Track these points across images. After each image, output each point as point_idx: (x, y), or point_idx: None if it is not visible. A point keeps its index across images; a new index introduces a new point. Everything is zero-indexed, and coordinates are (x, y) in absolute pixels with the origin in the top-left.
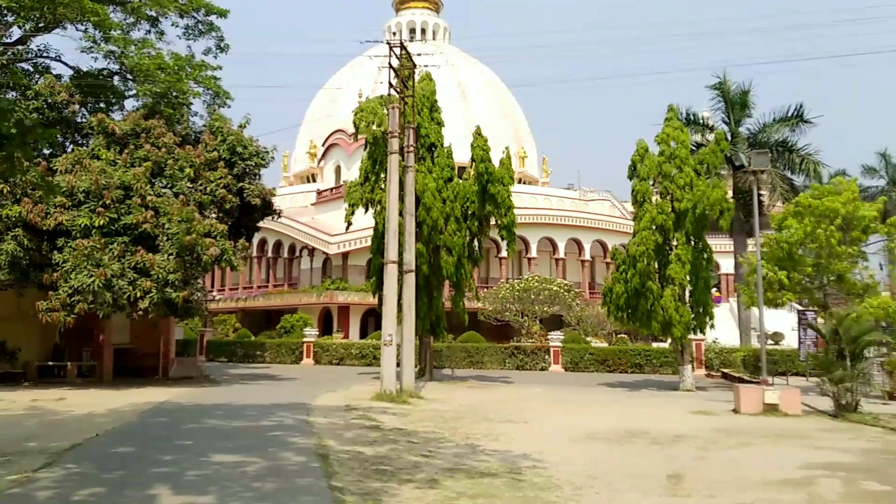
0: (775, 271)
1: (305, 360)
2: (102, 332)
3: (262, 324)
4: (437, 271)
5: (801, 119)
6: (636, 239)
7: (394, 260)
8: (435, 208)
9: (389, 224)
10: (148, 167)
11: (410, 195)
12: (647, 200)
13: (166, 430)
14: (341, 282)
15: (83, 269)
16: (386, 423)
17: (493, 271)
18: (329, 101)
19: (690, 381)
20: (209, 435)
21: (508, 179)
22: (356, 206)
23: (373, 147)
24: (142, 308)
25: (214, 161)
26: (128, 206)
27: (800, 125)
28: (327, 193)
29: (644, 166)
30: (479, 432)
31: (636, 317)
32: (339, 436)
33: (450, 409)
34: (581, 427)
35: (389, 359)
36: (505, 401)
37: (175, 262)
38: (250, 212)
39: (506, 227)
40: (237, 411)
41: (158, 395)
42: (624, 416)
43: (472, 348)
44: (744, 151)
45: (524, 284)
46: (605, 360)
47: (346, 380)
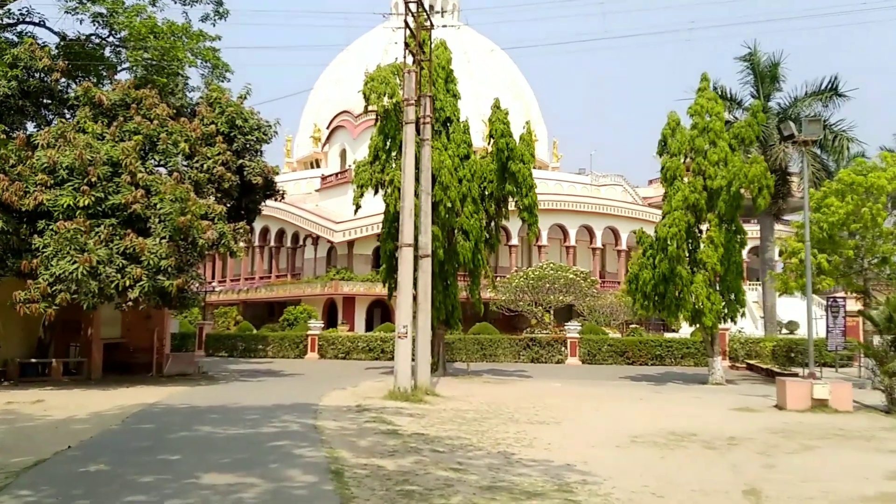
0: (815, 254)
1: (310, 355)
2: (91, 325)
3: (265, 316)
4: (452, 257)
5: (835, 92)
6: (666, 220)
7: (409, 243)
8: (452, 188)
9: (405, 203)
10: (138, 141)
11: (427, 172)
12: (678, 178)
13: (151, 441)
14: (346, 271)
15: (66, 255)
16: (404, 426)
17: (501, 260)
18: (334, 84)
19: (720, 373)
20: (201, 447)
21: (529, 157)
22: (365, 188)
23: (384, 121)
24: (132, 298)
25: (212, 135)
26: (116, 184)
27: (833, 99)
28: (332, 179)
29: (675, 141)
30: (510, 436)
31: (663, 305)
32: (353, 444)
33: (470, 409)
34: (619, 428)
35: (404, 353)
36: (527, 397)
37: (168, 246)
38: (251, 192)
39: (527, 209)
40: (235, 415)
41: (149, 395)
42: (661, 415)
43: (485, 340)
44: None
45: (539, 272)
46: (625, 351)
47: (354, 375)
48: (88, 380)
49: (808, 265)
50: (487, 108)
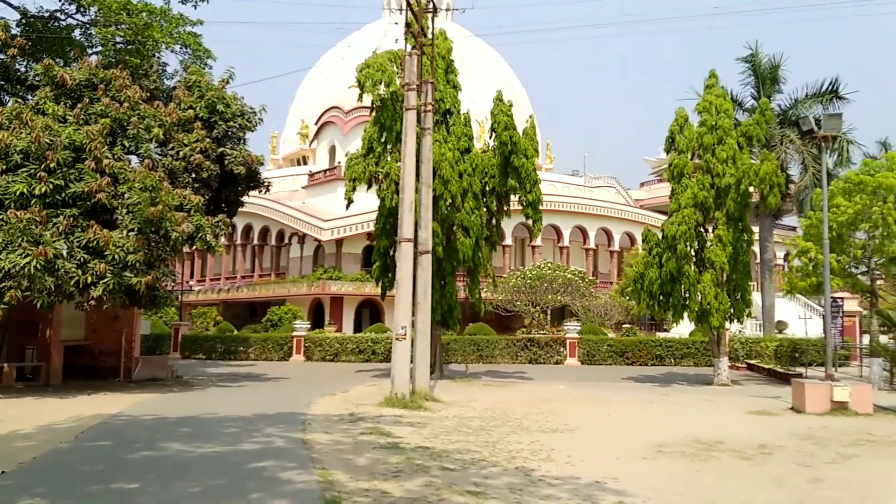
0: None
1: (295, 357)
2: (49, 326)
3: (247, 317)
4: (451, 254)
5: (835, 95)
6: (674, 218)
7: (409, 238)
8: (453, 182)
9: (404, 195)
10: (105, 125)
11: (428, 163)
12: (686, 175)
13: (105, 463)
14: (334, 271)
15: (16, 248)
16: (405, 438)
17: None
18: (323, 80)
19: (726, 374)
20: (166, 471)
21: (532, 152)
22: (358, 182)
23: (380, 111)
24: (94, 296)
25: (190, 121)
26: (78, 171)
27: (833, 101)
28: (320, 176)
29: (683, 138)
30: (524, 448)
31: (669, 304)
32: (350, 463)
33: (475, 416)
34: (639, 437)
35: (402, 356)
36: (532, 402)
37: (136, 240)
38: (233, 183)
39: (531, 205)
40: (210, 428)
41: (113, 404)
42: (678, 420)
43: (481, 341)
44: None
45: (536, 272)
46: (624, 351)
47: (344, 379)
48: (46, 386)
49: (826, 263)
50: (481, 108)
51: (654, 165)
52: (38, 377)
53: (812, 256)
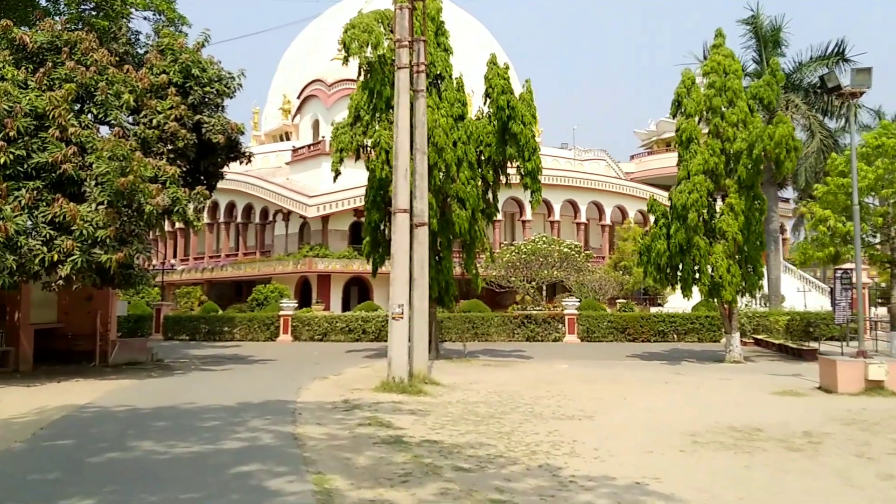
0: (843, 222)
1: (282, 337)
2: (18, 308)
3: (232, 296)
4: (447, 227)
5: (842, 57)
6: (683, 186)
7: (404, 208)
8: (447, 150)
9: (398, 162)
10: (70, 90)
11: (422, 128)
12: (694, 140)
13: (61, 470)
14: (321, 248)
15: None
16: (408, 430)
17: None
18: (305, 53)
19: (738, 351)
20: (131, 478)
21: (530, 118)
22: (345, 153)
23: (367, 75)
24: (62, 276)
25: (163, 87)
26: (42, 140)
27: (840, 64)
28: (304, 151)
29: (691, 100)
30: (542, 440)
31: (678, 278)
32: (349, 465)
33: (480, 401)
34: (666, 423)
35: (399, 336)
36: (538, 384)
37: (106, 213)
38: (211, 153)
39: (530, 174)
40: (188, 421)
41: (83, 392)
42: (700, 403)
43: (476, 319)
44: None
45: (531, 247)
46: (626, 328)
47: (335, 360)
48: (15, 372)
49: (857, 230)
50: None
51: (644, 138)
52: (6, 363)
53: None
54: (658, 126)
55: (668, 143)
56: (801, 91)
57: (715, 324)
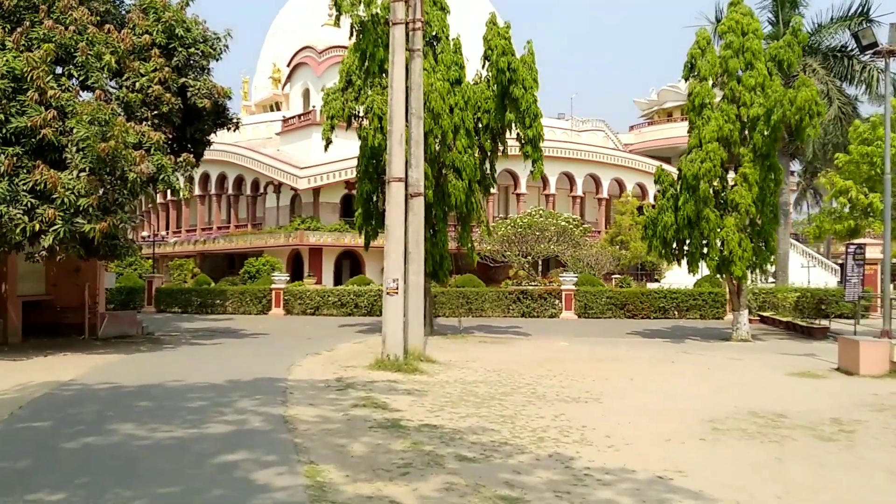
0: (865, 193)
1: (274, 310)
2: (5, 279)
3: (224, 269)
4: (442, 199)
5: (865, 17)
6: (694, 155)
7: (399, 177)
8: (444, 116)
9: (393, 127)
10: (49, 51)
11: (418, 91)
12: (707, 106)
13: (32, 457)
14: (313, 220)
15: None
16: (405, 412)
17: None
18: (295, 20)
19: (746, 329)
20: (106, 470)
21: (531, 82)
22: (337, 120)
23: (360, 36)
24: (45, 246)
25: (146, 48)
26: (20, 103)
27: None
28: (294, 121)
29: (705, 62)
30: (549, 425)
31: (684, 252)
32: (344, 453)
33: (479, 380)
34: (679, 407)
35: (394, 312)
36: (538, 362)
37: (88, 181)
38: (198, 118)
39: (531, 142)
40: (174, 400)
41: (69, 368)
42: (713, 384)
43: (470, 294)
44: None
45: (528, 220)
46: (625, 304)
47: (328, 335)
48: (3, 346)
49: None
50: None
51: (645, 108)
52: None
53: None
54: (660, 95)
55: (669, 113)
56: (818, 55)
57: (718, 300)
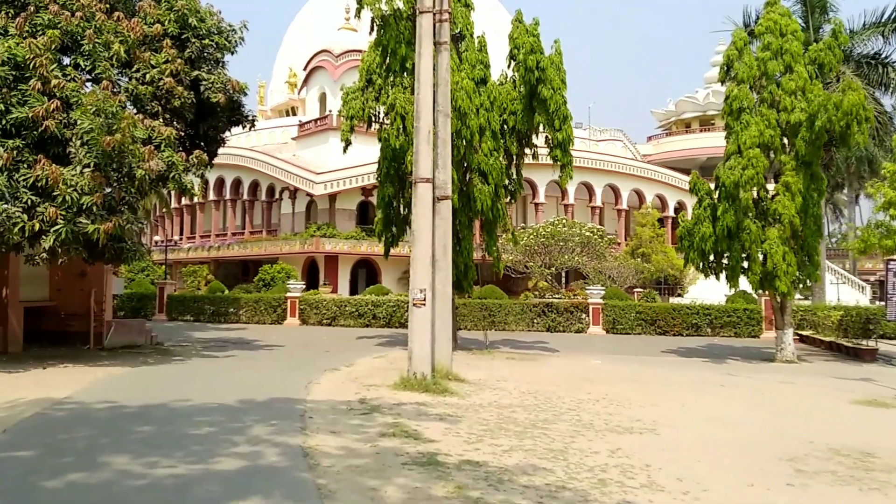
0: None
1: (289, 320)
2: (5, 284)
3: (238, 275)
4: (467, 204)
5: None
6: (734, 162)
7: (426, 177)
8: (471, 115)
9: (420, 124)
10: (53, 37)
11: (445, 86)
12: (746, 110)
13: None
14: (329, 227)
15: None
16: (440, 444)
17: None
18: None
19: (791, 349)
20: None
21: (559, 83)
22: (357, 120)
23: (381, 31)
24: (45, 248)
25: (157, 38)
26: (21, 92)
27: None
28: (310, 126)
29: (743, 64)
30: (608, 463)
31: (722, 266)
32: (376, 499)
33: (515, 403)
34: (749, 440)
35: (421, 326)
36: (574, 383)
37: (92, 177)
38: (211, 114)
39: (560, 145)
40: (178, 427)
41: (67, 382)
42: (772, 413)
43: (493, 306)
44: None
45: (550, 230)
46: (655, 320)
47: (346, 348)
48: (3, 354)
49: None
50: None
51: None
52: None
53: None
54: (677, 106)
55: (687, 123)
56: (851, 62)
57: (754, 317)
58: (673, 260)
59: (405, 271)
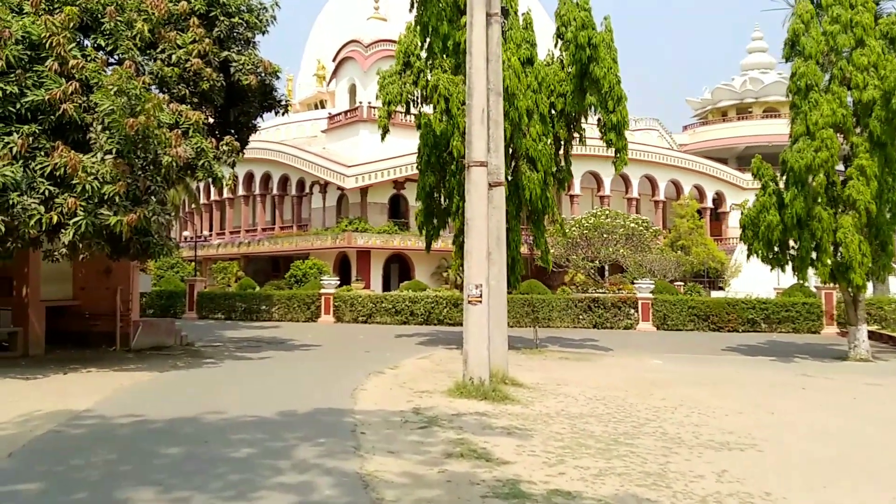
0: None
1: (324, 317)
2: (26, 282)
3: (269, 272)
4: (515, 193)
5: None
6: (803, 144)
7: (481, 160)
8: (519, 96)
9: (473, 100)
10: (72, 14)
11: (497, 62)
12: (814, 88)
13: None
14: (360, 222)
15: None
16: (516, 465)
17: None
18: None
19: (866, 346)
20: None
21: (611, 62)
22: (394, 105)
23: (422, 9)
24: (65, 242)
25: (184, 16)
26: (37, 74)
27: None
28: (340, 118)
29: (810, 39)
30: (719, 491)
31: (788, 257)
32: None
33: (584, 412)
34: (872, 458)
35: (478, 326)
36: (641, 386)
37: (115, 165)
38: (242, 98)
39: (615, 128)
40: (210, 447)
41: (88, 390)
42: (882, 423)
43: (536, 301)
44: None
45: (594, 221)
46: (709, 315)
47: (386, 347)
48: (24, 357)
49: None
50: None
51: (698, 107)
52: (14, 346)
53: None
54: (714, 94)
55: (724, 112)
56: None
57: (814, 312)
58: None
59: (438, 266)
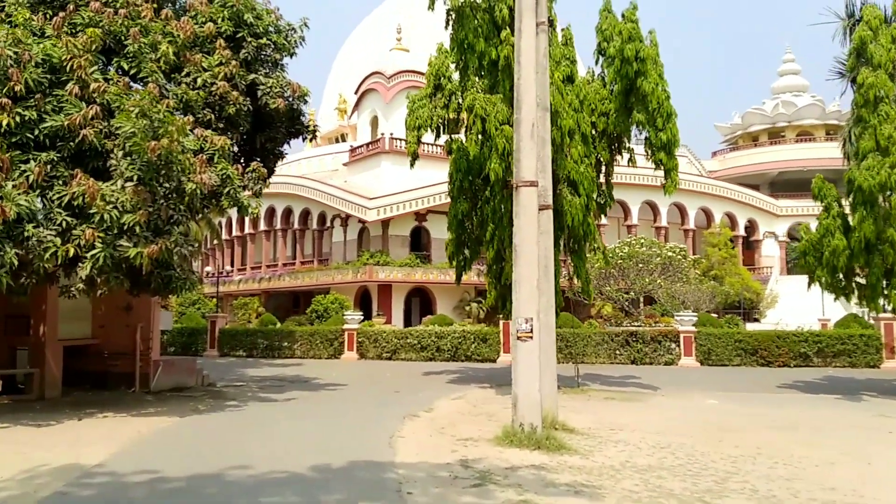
0: None
1: (347, 354)
2: (43, 320)
3: (289, 307)
4: (556, 219)
5: None
6: (871, 161)
7: (530, 180)
8: (563, 114)
9: (522, 114)
10: (94, 36)
11: (544, 74)
12: (884, 100)
13: None
14: (381, 255)
15: None
16: None
17: None
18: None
19: None
20: None
21: (658, 77)
22: (424, 130)
23: (456, 25)
24: (82, 277)
25: (209, 38)
26: (57, 98)
27: None
28: (362, 150)
29: (879, 47)
30: None
31: (856, 285)
32: None
33: (652, 464)
34: None
35: (528, 365)
36: (710, 433)
37: (135, 192)
38: (269, 124)
39: (664, 147)
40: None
41: (102, 440)
42: None
43: (569, 335)
44: None
45: (628, 251)
46: (757, 349)
47: (416, 386)
48: (39, 399)
49: None
50: None
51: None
52: (30, 388)
53: None
54: (744, 118)
55: (755, 137)
56: None
57: (872, 344)
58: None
59: (461, 299)
